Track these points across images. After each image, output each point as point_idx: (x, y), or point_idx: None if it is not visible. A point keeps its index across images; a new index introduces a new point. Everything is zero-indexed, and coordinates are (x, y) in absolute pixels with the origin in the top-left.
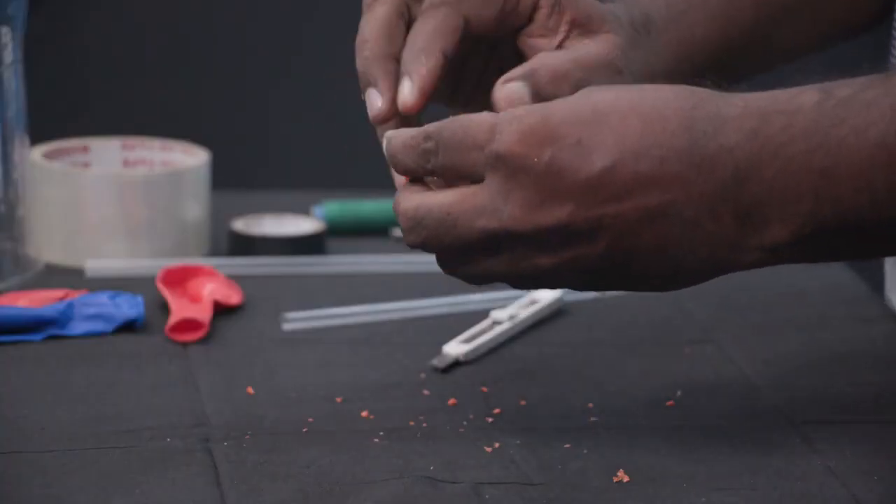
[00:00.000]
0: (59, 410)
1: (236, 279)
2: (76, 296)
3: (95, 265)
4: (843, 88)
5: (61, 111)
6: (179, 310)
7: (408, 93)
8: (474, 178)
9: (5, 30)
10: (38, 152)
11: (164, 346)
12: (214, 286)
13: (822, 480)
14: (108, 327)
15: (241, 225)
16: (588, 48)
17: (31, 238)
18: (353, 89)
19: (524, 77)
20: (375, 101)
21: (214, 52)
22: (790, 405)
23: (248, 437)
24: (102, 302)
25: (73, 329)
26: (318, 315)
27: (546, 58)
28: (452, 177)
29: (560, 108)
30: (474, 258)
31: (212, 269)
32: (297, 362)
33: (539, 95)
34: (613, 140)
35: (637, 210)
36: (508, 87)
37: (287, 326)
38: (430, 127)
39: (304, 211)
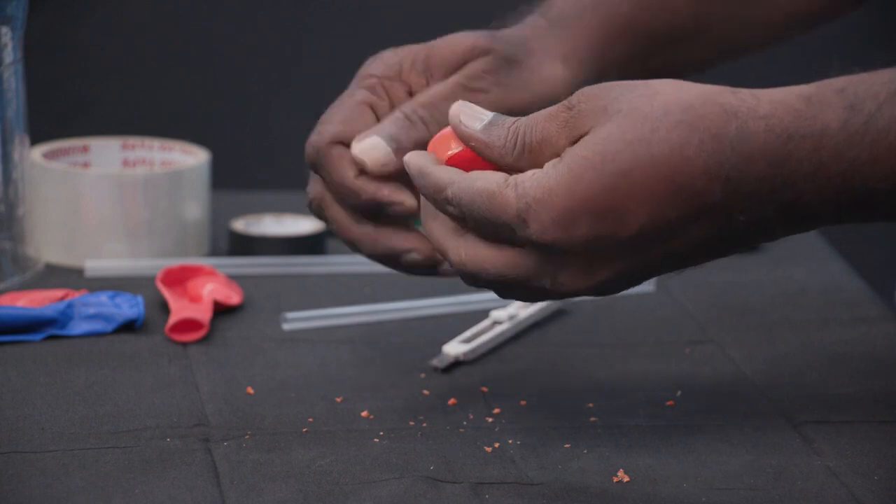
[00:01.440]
0: (59, 410)
1: (236, 279)
2: (76, 296)
3: (95, 265)
4: (869, 102)
5: (61, 111)
6: (179, 310)
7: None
8: (511, 241)
9: (5, 30)
10: (38, 152)
11: (164, 346)
12: (214, 286)
13: (822, 480)
14: (108, 327)
15: (241, 225)
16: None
17: (31, 238)
18: None
19: (378, 132)
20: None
21: (214, 53)
22: (790, 405)
23: (248, 437)
24: (102, 302)
25: (73, 329)
26: (318, 315)
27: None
28: (483, 234)
29: (581, 175)
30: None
31: (212, 269)
32: (297, 362)
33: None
34: (643, 197)
35: (684, 244)
36: (365, 143)
37: (287, 326)
38: (450, 191)
39: (304, 211)
